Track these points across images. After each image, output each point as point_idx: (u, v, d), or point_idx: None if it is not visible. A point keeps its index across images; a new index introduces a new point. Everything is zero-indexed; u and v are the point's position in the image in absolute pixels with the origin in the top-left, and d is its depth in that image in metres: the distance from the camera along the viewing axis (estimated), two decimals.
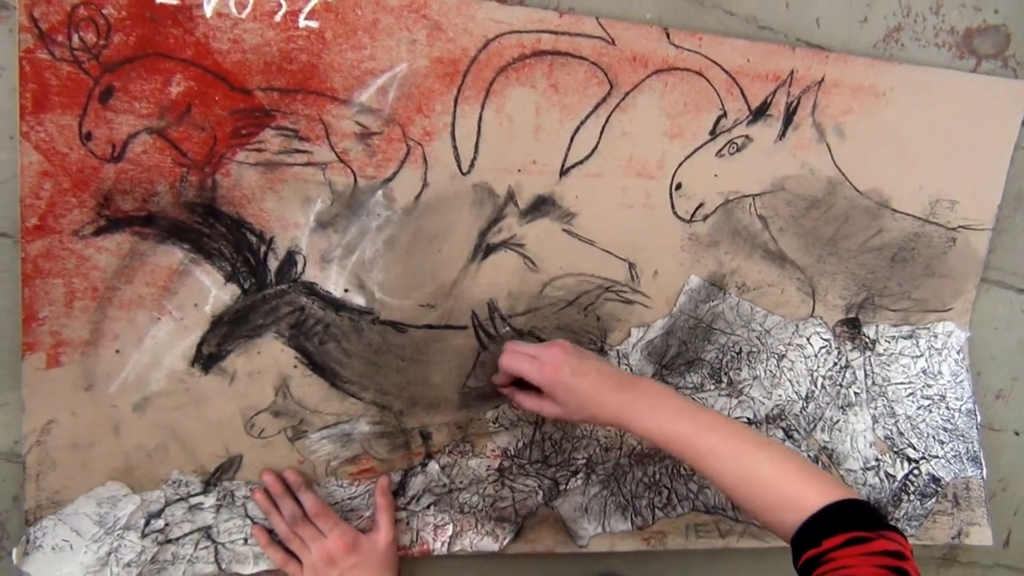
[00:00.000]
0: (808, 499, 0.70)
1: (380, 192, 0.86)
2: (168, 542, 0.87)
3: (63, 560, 0.84)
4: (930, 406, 1.11)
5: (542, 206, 0.92)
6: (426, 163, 0.87)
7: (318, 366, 0.89)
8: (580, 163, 0.92)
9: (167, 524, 0.87)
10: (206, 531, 0.89)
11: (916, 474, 1.11)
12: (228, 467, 0.89)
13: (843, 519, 0.68)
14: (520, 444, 0.98)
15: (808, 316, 1.05)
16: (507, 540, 0.98)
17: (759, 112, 0.96)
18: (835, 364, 1.07)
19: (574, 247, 0.94)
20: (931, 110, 1.01)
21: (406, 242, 0.89)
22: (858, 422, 1.09)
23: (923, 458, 1.11)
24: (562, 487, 1.00)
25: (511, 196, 0.91)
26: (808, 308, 1.05)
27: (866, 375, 1.09)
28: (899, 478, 1.11)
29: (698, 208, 0.97)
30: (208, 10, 0.77)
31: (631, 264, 0.97)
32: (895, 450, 1.11)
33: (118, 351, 0.83)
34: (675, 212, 0.96)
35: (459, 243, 0.90)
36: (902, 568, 0.63)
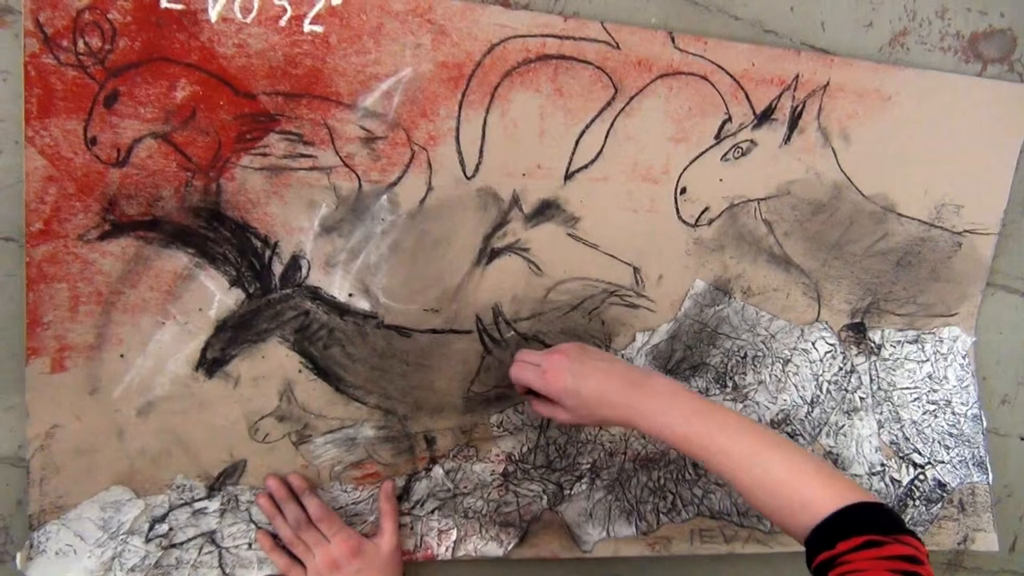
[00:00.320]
0: (823, 501, 0.69)
1: (385, 197, 0.86)
2: (172, 547, 0.87)
3: (67, 565, 0.84)
4: (936, 411, 1.11)
5: (547, 210, 0.92)
6: (431, 167, 0.87)
7: (322, 371, 0.89)
8: (585, 167, 0.92)
9: (171, 529, 0.87)
10: (210, 536, 0.89)
11: (922, 479, 1.11)
12: (232, 472, 0.88)
13: (858, 522, 0.67)
14: (525, 449, 0.97)
15: (813, 320, 1.05)
16: (511, 545, 0.98)
17: (764, 116, 0.95)
18: (840, 369, 1.07)
19: (579, 251, 0.94)
20: (936, 114, 1.01)
21: (411, 247, 0.88)
22: (863, 427, 1.09)
23: (929, 463, 1.11)
24: (566, 492, 1.00)
25: (516, 200, 0.90)
26: (813, 312, 1.05)
27: (871, 380, 1.08)
28: (905, 483, 1.11)
29: (703, 212, 0.97)
30: (213, 15, 0.77)
31: (636, 268, 0.97)
32: (901, 455, 1.10)
33: (122, 356, 0.83)
34: (680, 216, 0.96)
35: (464, 248, 0.90)
36: (917, 572, 0.62)
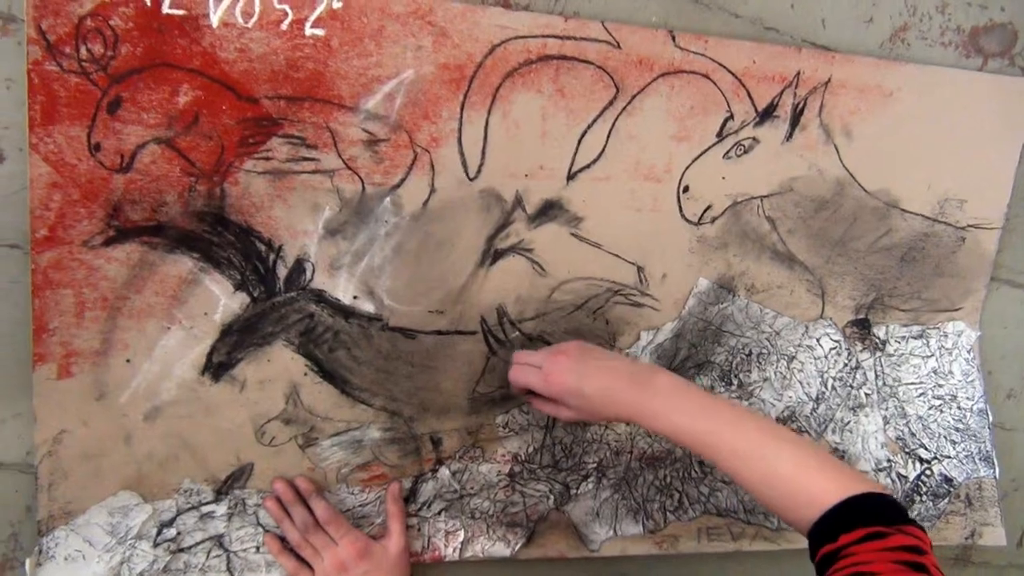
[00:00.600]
0: (826, 493, 0.69)
1: (388, 199, 0.87)
2: (180, 551, 0.88)
3: (76, 570, 0.84)
4: (941, 406, 1.11)
5: (550, 211, 0.92)
6: (433, 169, 0.87)
7: (328, 373, 0.89)
8: (587, 167, 0.92)
9: (179, 533, 0.87)
10: (218, 540, 0.89)
11: (928, 475, 1.11)
12: (239, 475, 0.89)
13: (861, 513, 0.66)
14: (531, 449, 0.98)
15: (818, 317, 1.05)
16: (519, 545, 0.98)
17: (766, 114, 0.95)
18: (845, 365, 1.07)
19: (582, 251, 0.94)
20: (938, 109, 1.01)
21: (414, 248, 0.89)
22: (869, 423, 1.09)
23: (935, 458, 1.11)
24: (573, 491, 1.00)
25: (519, 201, 0.91)
26: (818, 309, 1.05)
27: (876, 376, 1.08)
28: (911, 479, 1.10)
29: (706, 210, 0.97)
30: (214, 20, 0.78)
31: (639, 267, 0.97)
32: (907, 451, 1.10)
33: (128, 361, 0.83)
34: (683, 215, 0.96)
35: (467, 249, 0.90)
36: (921, 563, 0.61)
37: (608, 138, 0.91)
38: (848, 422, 1.08)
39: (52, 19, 0.73)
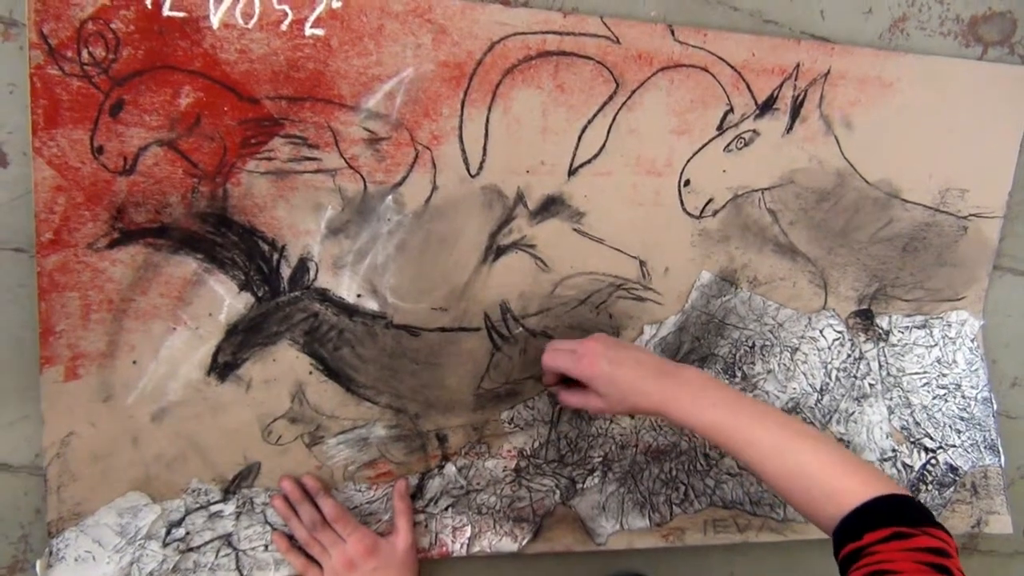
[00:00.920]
0: (851, 492, 0.69)
1: (390, 197, 0.87)
2: (189, 550, 0.88)
3: (86, 571, 0.85)
4: (946, 395, 1.11)
5: (551, 206, 0.92)
6: (435, 167, 0.87)
7: (333, 372, 0.89)
8: (588, 162, 0.92)
9: (188, 533, 0.88)
10: (227, 539, 0.89)
11: (933, 464, 1.11)
12: (247, 474, 0.89)
13: (886, 514, 0.66)
14: (536, 444, 0.98)
15: (820, 308, 1.05)
16: (526, 540, 0.98)
17: (766, 106, 0.95)
18: (849, 356, 1.07)
19: (584, 246, 0.94)
20: (938, 99, 1.01)
21: (417, 246, 0.89)
22: (874, 413, 1.09)
23: (940, 448, 1.11)
24: (579, 486, 1.00)
25: (520, 197, 0.91)
26: (820, 300, 1.05)
27: (880, 366, 1.08)
28: (916, 468, 1.11)
29: (707, 204, 0.97)
30: (215, 21, 0.78)
31: (642, 262, 0.97)
32: (912, 440, 1.10)
33: (135, 362, 0.83)
34: (684, 208, 0.97)
35: (470, 246, 0.91)
36: (945, 566, 0.61)
37: (608, 133, 0.92)
38: (852, 412, 1.08)
39: (53, 23, 0.74)
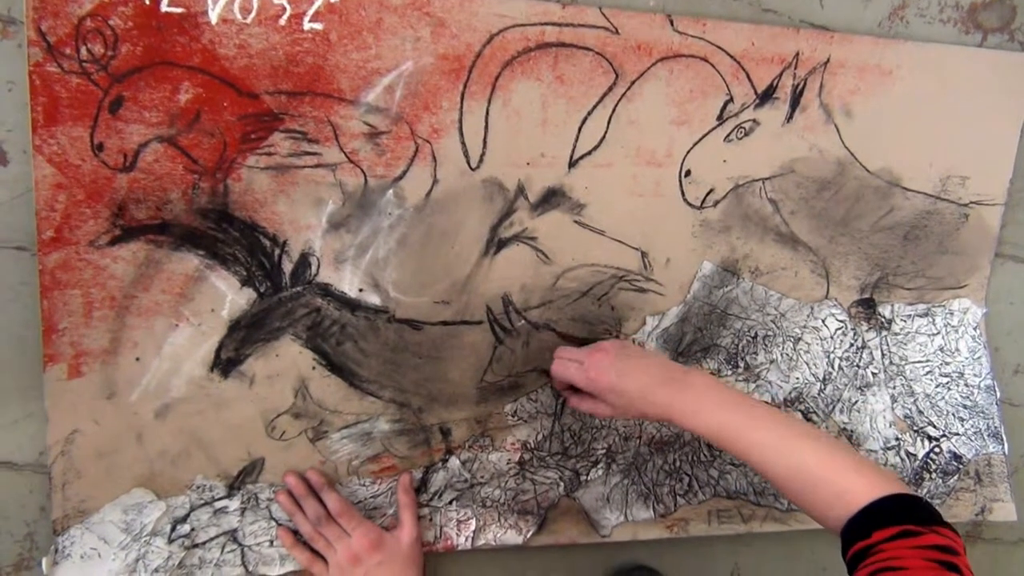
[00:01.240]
0: (859, 492, 0.69)
1: (391, 191, 0.87)
2: (195, 547, 0.88)
3: (92, 568, 0.85)
4: (949, 384, 1.11)
5: (552, 198, 0.92)
6: (435, 160, 0.87)
7: (336, 366, 0.89)
8: (588, 154, 0.92)
9: (193, 529, 0.88)
10: (232, 534, 0.89)
11: (937, 452, 1.11)
12: (251, 470, 0.89)
13: (895, 512, 0.67)
14: (540, 436, 0.98)
15: (823, 298, 1.05)
16: (530, 533, 0.99)
17: (766, 95, 0.95)
18: (851, 345, 1.07)
19: (586, 238, 0.94)
20: (938, 87, 1.01)
21: (418, 240, 0.89)
22: (877, 402, 1.09)
23: (944, 436, 1.11)
24: (583, 478, 1.00)
25: (521, 190, 0.91)
26: (822, 290, 1.05)
27: (883, 355, 1.08)
28: (920, 457, 1.11)
29: (708, 194, 0.97)
30: (213, 17, 0.78)
31: (643, 253, 0.97)
32: (915, 429, 1.10)
33: (138, 359, 0.83)
34: (685, 199, 0.96)
35: (471, 239, 0.91)
36: (953, 563, 0.61)
37: (608, 124, 0.92)
38: (856, 402, 1.08)
39: (52, 20, 0.74)
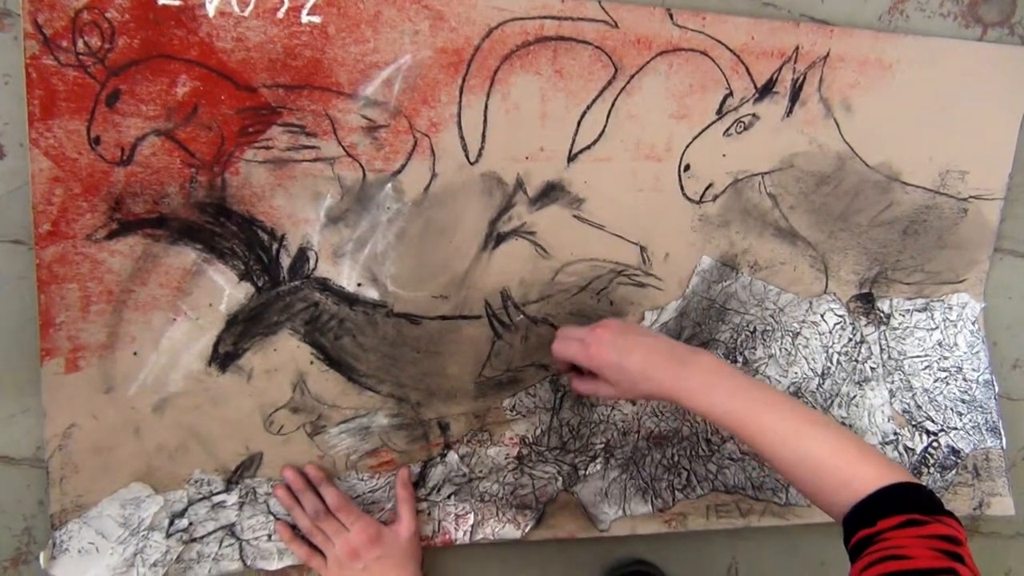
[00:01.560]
0: (864, 480, 0.69)
1: (389, 185, 0.87)
2: (193, 541, 0.88)
3: (90, 562, 0.85)
4: (947, 378, 1.11)
5: (551, 193, 0.92)
6: (434, 154, 0.87)
7: (334, 361, 0.89)
8: (588, 148, 0.91)
9: (191, 523, 0.88)
10: (230, 529, 0.89)
11: (935, 447, 1.11)
12: (249, 464, 0.89)
13: (900, 501, 0.66)
14: (538, 431, 0.98)
15: (821, 293, 1.05)
16: (529, 527, 0.99)
17: (765, 90, 0.95)
18: (850, 340, 1.07)
19: (585, 232, 0.94)
20: (938, 81, 1.01)
21: (417, 234, 0.89)
22: (875, 397, 1.09)
23: (942, 430, 1.11)
24: (581, 472, 1.00)
25: (520, 184, 0.91)
26: (821, 285, 1.05)
27: (881, 349, 1.08)
28: (918, 451, 1.11)
29: (707, 188, 0.97)
30: (211, 9, 0.77)
31: (642, 247, 0.97)
32: (913, 423, 1.11)
33: (135, 353, 0.83)
34: (684, 193, 0.96)
35: (470, 233, 0.90)
36: (957, 553, 0.61)
37: (608, 118, 0.91)
38: (854, 396, 1.08)
39: (48, 13, 0.73)
